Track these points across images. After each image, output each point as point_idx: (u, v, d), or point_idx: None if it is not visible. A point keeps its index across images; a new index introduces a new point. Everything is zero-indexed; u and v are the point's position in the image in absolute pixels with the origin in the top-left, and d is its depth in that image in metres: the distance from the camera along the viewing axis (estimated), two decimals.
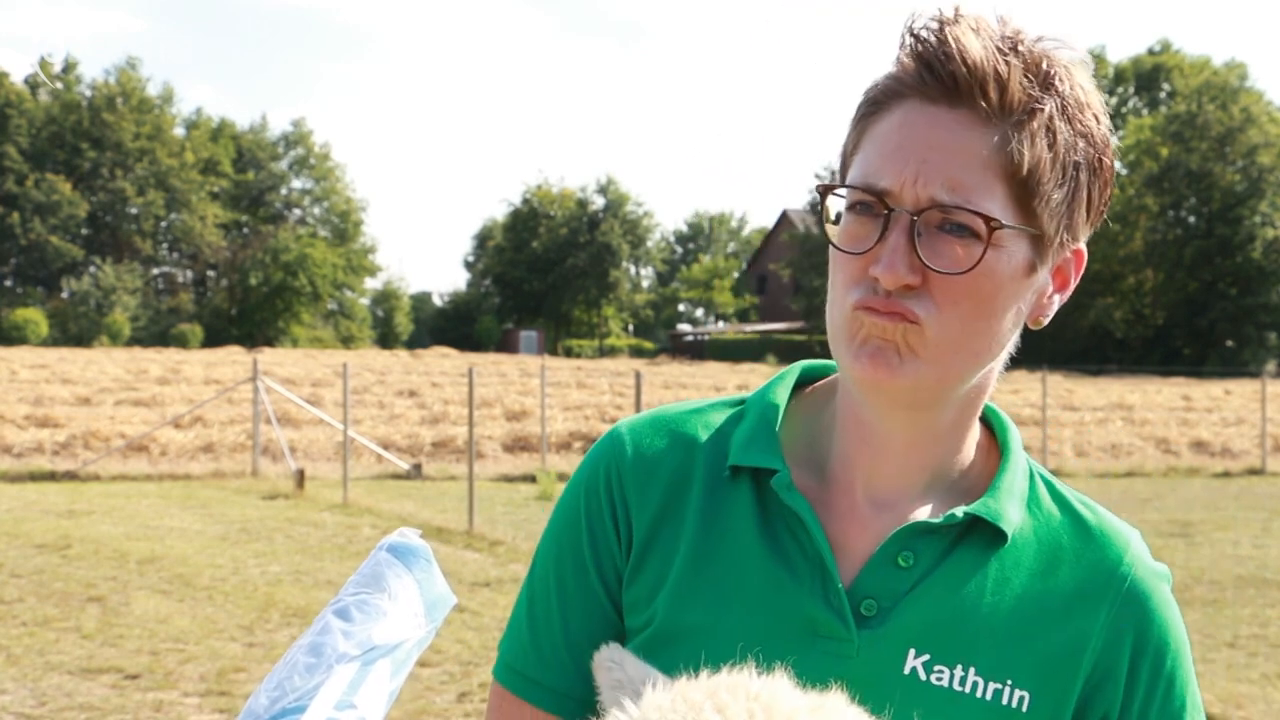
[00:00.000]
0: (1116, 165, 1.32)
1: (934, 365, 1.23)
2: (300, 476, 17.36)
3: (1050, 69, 1.22)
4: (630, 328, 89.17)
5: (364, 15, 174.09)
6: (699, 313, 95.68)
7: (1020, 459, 1.35)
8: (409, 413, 26.30)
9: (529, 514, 15.47)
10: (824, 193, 1.28)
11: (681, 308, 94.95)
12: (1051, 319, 1.33)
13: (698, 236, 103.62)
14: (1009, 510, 1.29)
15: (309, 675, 1.20)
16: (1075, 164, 1.24)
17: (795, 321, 71.54)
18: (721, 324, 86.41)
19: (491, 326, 77.14)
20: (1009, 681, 1.25)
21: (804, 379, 1.43)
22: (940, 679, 1.25)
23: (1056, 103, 1.22)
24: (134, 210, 70.54)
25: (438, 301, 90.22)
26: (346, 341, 70.99)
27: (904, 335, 1.22)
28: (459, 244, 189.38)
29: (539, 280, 79.22)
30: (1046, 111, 1.21)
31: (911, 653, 1.25)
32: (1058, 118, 1.22)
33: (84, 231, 69.32)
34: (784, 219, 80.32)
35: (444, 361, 43.12)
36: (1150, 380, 43.87)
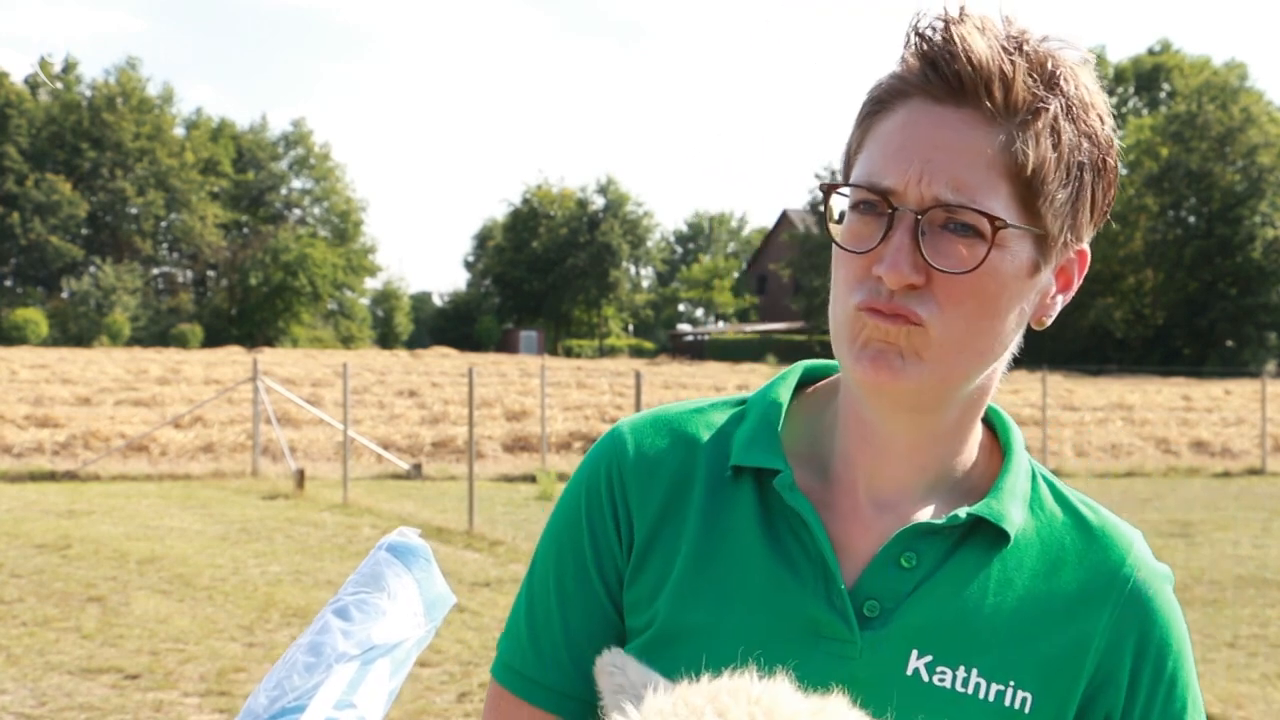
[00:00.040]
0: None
1: (937, 366, 1.23)
2: (300, 476, 17.36)
3: (1055, 69, 1.22)
4: (630, 328, 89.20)
5: (364, 15, 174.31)
6: (699, 313, 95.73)
7: (1023, 460, 1.35)
8: (409, 413, 26.30)
9: (529, 514, 15.47)
10: (828, 191, 1.28)
11: (681, 308, 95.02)
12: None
13: (698, 236, 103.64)
14: (1012, 511, 1.29)
15: (308, 675, 1.20)
16: (1079, 164, 1.23)
17: (795, 321, 71.58)
18: (721, 324, 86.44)
19: (491, 326, 77.17)
20: (1012, 683, 1.25)
21: (806, 379, 1.42)
22: (943, 680, 1.24)
23: (1061, 103, 1.21)
24: (134, 210, 70.58)
25: (438, 301, 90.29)
26: (346, 341, 71.03)
27: (907, 338, 1.21)
28: (459, 244, 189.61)
29: (539, 280, 79.26)
30: (1051, 111, 1.21)
31: (914, 654, 1.25)
32: (1062, 118, 1.21)
33: (84, 231, 69.37)
34: (784, 219, 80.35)
35: (444, 361, 43.13)
36: (1150, 380, 43.89)
